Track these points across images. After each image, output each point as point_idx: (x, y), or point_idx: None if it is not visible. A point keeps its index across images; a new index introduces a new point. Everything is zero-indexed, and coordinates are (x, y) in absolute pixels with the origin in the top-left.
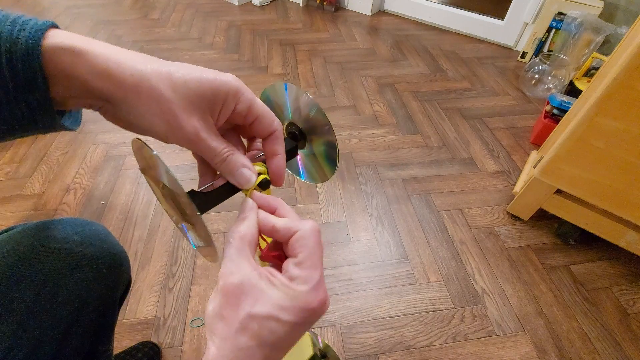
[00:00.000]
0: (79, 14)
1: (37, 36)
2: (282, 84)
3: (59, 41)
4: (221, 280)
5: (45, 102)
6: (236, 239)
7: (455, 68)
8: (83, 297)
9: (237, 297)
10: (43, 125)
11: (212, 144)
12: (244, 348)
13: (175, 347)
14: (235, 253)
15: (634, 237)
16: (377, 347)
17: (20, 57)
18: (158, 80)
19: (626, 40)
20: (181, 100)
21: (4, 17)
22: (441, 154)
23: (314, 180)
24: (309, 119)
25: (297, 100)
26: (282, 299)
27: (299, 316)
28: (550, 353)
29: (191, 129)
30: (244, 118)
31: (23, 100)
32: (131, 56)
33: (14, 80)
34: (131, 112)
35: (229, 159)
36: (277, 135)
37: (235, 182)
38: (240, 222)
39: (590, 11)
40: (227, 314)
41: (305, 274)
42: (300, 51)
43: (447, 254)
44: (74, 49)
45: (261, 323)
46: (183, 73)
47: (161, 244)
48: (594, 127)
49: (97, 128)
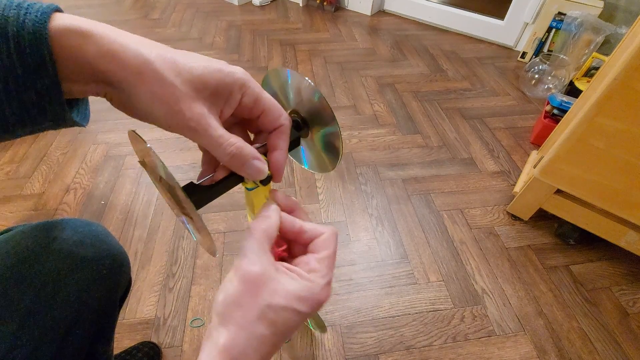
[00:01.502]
0: (79, 14)
1: (44, 19)
2: (285, 70)
3: (65, 23)
4: (241, 269)
5: (54, 87)
6: (259, 231)
7: (455, 68)
8: (83, 297)
9: (257, 286)
10: (53, 116)
11: (215, 132)
12: (259, 336)
13: (175, 347)
14: (257, 245)
15: (634, 237)
16: (377, 347)
17: (28, 41)
18: (162, 64)
19: (626, 40)
20: (185, 86)
21: (9, 1)
22: (441, 154)
23: (318, 170)
24: (312, 108)
25: (299, 87)
26: (302, 290)
27: (312, 307)
28: (550, 353)
29: (194, 115)
30: (250, 111)
31: (32, 86)
32: (137, 40)
33: (23, 65)
34: (133, 96)
35: (239, 151)
36: (283, 130)
37: (245, 174)
38: (264, 220)
39: (590, 11)
40: (246, 302)
41: (325, 270)
42: (300, 51)
43: (447, 254)
44: (80, 30)
45: (278, 313)
46: (189, 60)
47: (161, 244)
48: (594, 127)
49: (97, 128)
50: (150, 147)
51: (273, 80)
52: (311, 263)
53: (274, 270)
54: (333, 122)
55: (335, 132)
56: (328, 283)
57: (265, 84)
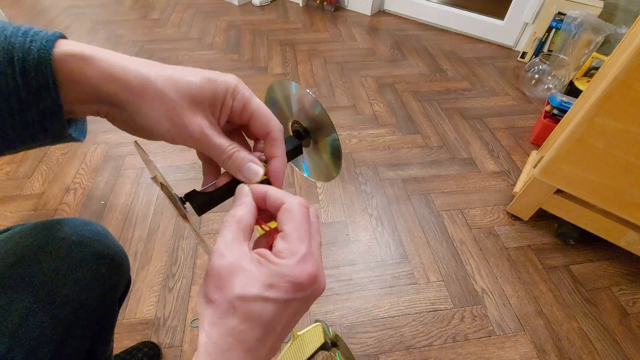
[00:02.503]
0: (79, 14)
1: (48, 46)
2: (291, 83)
3: (68, 49)
4: (210, 262)
5: (55, 108)
6: (232, 223)
7: (455, 68)
8: (82, 297)
9: (226, 280)
10: (52, 133)
11: (217, 141)
12: (234, 332)
13: (175, 347)
14: (228, 236)
15: (634, 237)
16: (377, 347)
17: (33, 66)
18: (162, 82)
19: (626, 40)
20: (184, 100)
21: (16, 29)
22: (441, 154)
23: (319, 179)
24: (313, 119)
25: (301, 99)
26: (268, 276)
27: (287, 292)
28: (550, 353)
29: (196, 127)
30: (240, 115)
31: (35, 107)
32: (135, 61)
33: (27, 88)
34: (137, 114)
35: (235, 156)
36: (274, 137)
37: (242, 177)
38: (237, 208)
39: (590, 11)
40: (216, 298)
41: (291, 246)
42: (300, 51)
43: (447, 254)
44: (82, 55)
45: (250, 304)
46: (185, 75)
47: (161, 244)
48: (593, 127)
49: (97, 128)
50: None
51: (277, 91)
52: (276, 244)
53: (246, 260)
54: (333, 132)
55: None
56: (302, 259)
57: (270, 94)
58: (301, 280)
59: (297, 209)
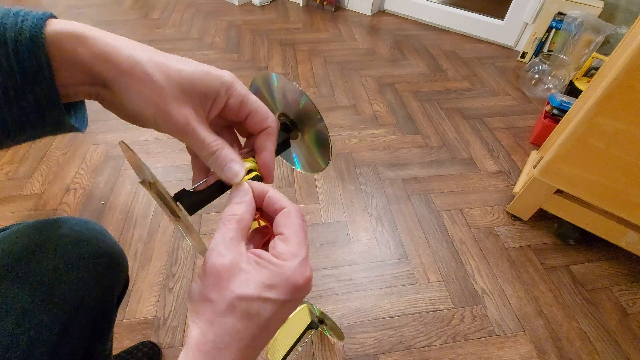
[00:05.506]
0: (79, 14)
1: (40, 24)
2: (271, 75)
3: (60, 27)
4: (209, 261)
5: (51, 91)
6: (232, 221)
7: (455, 68)
8: (80, 296)
9: (225, 279)
10: (51, 120)
11: (201, 134)
12: (231, 331)
13: (175, 347)
14: (228, 235)
15: (634, 237)
16: (377, 347)
17: (26, 46)
18: (152, 67)
19: (626, 40)
20: (173, 88)
21: (7, 10)
22: (441, 154)
23: (310, 171)
24: (299, 110)
25: (285, 90)
26: (270, 277)
27: (287, 293)
28: (550, 353)
29: (181, 117)
30: (237, 113)
31: (30, 92)
32: (130, 43)
33: (21, 71)
34: (124, 97)
35: (218, 154)
36: (269, 132)
37: (224, 176)
38: (237, 206)
39: (590, 11)
40: (214, 297)
41: (292, 250)
42: (300, 51)
43: (447, 254)
44: (75, 34)
45: (250, 304)
46: (178, 63)
47: (161, 244)
48: (594, 127)
49: (97, 128)
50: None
51: (260, 84)
52: (277, 245)
53: (244, 261)
54: (320, 122)
55: (323, 130)
56: (301, 263)
57: (253, 89)
58: (301, 283)
59: (295, 215)
